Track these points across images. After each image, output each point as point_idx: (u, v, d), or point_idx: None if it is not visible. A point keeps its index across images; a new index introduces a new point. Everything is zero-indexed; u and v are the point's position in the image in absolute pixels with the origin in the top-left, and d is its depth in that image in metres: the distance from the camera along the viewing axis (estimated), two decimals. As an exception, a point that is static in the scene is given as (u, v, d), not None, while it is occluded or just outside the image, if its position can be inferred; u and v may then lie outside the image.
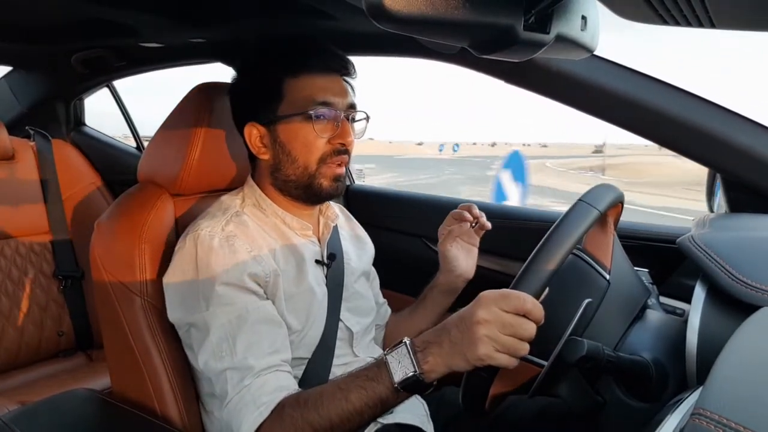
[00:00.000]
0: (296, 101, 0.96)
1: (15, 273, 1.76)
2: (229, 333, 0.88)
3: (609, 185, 0.88)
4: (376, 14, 0.54)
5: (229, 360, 0.87)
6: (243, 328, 0.89)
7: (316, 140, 0.96)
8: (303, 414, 0.82)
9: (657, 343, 0.83)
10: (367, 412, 0.80)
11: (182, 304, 0.94)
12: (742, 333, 0.57)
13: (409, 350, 0.77)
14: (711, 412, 0.42)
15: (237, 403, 0.85)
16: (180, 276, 0.94)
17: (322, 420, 0.81)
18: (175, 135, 1.09)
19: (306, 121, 0.95)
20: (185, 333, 0.96)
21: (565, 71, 1.06)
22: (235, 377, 0.87)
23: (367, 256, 1.21)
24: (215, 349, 0.88)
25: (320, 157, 0.97)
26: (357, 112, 1.02)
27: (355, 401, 0.80)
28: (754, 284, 0.72)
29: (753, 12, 0.51)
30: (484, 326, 0.71)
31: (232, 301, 0.90)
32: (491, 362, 0.71)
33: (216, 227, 0.94)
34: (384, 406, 0.81)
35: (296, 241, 1.02)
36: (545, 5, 0.58)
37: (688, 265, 1.17)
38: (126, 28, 1.42)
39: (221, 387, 0.88)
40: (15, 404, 1.46)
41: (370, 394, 0.80)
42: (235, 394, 0.86)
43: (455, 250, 1.12)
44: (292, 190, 1.01)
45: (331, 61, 0.99)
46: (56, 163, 1.93)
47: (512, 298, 0.71)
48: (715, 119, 1.02)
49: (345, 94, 0.99)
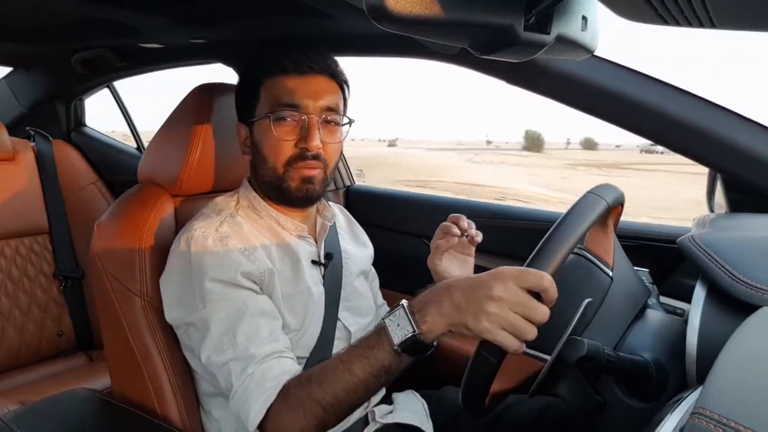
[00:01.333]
0: (267, 103, 0.97)
1: (15, 273, 1.76)
2: (228, 326, 0.88)
3: (612, 185, 0.88)
4: (377, 15, 0.54)
5: (231, 352, 0.87)
6: (242, 320, 0.89)
7: (280, 143, 0.95)
8: (308, 392, 0.81)
9: (657, 342, 0.83)
10: (372, 382, 0.79)
11: (179, 304, 0.94)
12: (742, 333, 0.57)
13: (406, 312, 0.75)
14: (711, 412, 0.42)
15: (243, 393, 0.85)
16: (175, 276, 0.95)
17: (328, 395, 0.80)
18: (175, 135, 1.09)
19: (272, 122, 0.95)
20: (184, 333, 0.96)
21: (565, 71, 1.06)
22: (238, 368, 0.86)
23: (366, 256, 1.20)
24: (216, 344, 0.88)
25: (286, 160, 0.96)
26: (337, 115, 0.98)
27: (358, 372, 0.78)
28: (754, 284, 0.72)
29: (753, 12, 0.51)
30: (497, 303, 0.69)
31: (229, 297, 0.90)
32: (492, 339, 0.69)
33: (210, 228, 0.94)
34: (388, 373, 0.79)
35: (291, 241, 1.01)
36: (545, 5, 0.58)
37: (688, 265, 1.17)
38: (126, 29, 1.42)
39: (225, 380, 0.88)
40: (15, 404, 1.46)
41: (373, 362, 0.78)
42: (240, 385, 0.86)
43: (446, 264, 1.07)
44: (269, 191, 1.01)
45: (306, 62, 0.96)
46: (56, 164, 1.93)
47: (531, 275, 0.69)
48: (715, 119, 1.02)
49: (319, 95, 0.96)
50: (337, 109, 0.98)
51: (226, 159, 1.11)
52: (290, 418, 0.82)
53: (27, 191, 1.85)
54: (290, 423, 0.82)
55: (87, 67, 1.87)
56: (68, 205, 1.91)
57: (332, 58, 1.01)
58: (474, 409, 0.78)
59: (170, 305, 0.96)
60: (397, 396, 1.12)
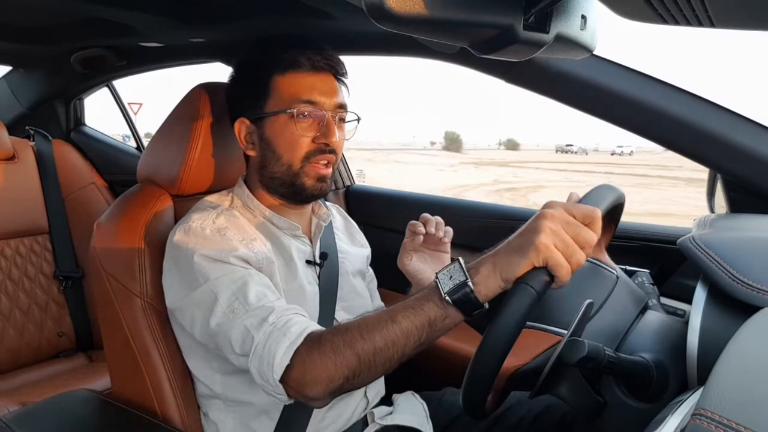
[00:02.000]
0: (282, 98, 0.97)
1: (15, 273, 1.76)
2: (237, 291, 0.87)
3: (610, 185, 0.88)
4: (377, 14, 0.54)
5: (244, 311, 0.85)
6: (249, 286, 0.87)
7: (299, 138, 0.96)
8: (345, 338, 0.78)
9: (658, 343, 0.82)
10: (413, 335, 0.75)
11: (181, 285, 0.92)
12: (742, 334, 0.57)
13: (461, 264, 0.73)
14: (712, 413, 0.42)
15: (265, 341, 0.81)
16: (173, 264, 0.94)
17: (366, 343, 0.76)
18: (174, 135, 1.09)
19: (290, 118, 0.96)
20: (187, 315, 0.91)
21: (564, 71, 1.06)
22: (255, 321, 0.83)
23: (363, 256, 1.20)
24: (227, 310, 0.85)
25: (304, 156, 0.97)
26: (347, 112, 1.01)
27: (401, 321, 0.75)
28: (754, 285, 0.72)
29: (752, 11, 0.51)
30: (549, 219, 0.69)
31: (231, 271, 0.89)
32: (547, 256, 0.67)
33: (207, 220, 0.94)
34: (431, 327, 0.75)
35: (284, 240, 1.01)
36: (545, 5, 0.58)
37: (688, 266, 1.17)
38: (126, 28, 1.42)
39: (242, 340, 0.83)
40: (15, 405, 1.46)
41: (419, 313, 0.75)
42: (261, 334, 0.82)
43: (416, 263, 1.06)
44: (278, 187, 1.01)
45: (320, 60, 0.98)
46: (56, 163, 1.93)
47: (580, 206, 0.72)
48: (716, 119, 1.02)
49: (333, 93, 0.98)
50: (346, 106, 1.01)
51: (225, 158, 1.11)
52: (319, 365, 0.78)
53: (27, 191, 1.85)
54: (318, 370, 0.78)
55: (86, 66, 1.87)
56: (68, 205, 1.92)
57: (337, 56, 1.02)
58: (474, 411, 0.78)
59: (172, 287, 0.94)
60: (397, 397, 1.12)
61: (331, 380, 0.78)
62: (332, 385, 0.78)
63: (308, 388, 0.78)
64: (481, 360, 0.69)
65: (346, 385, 0.79)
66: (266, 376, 0.80)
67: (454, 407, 1.12)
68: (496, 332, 0.67)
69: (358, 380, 0.79)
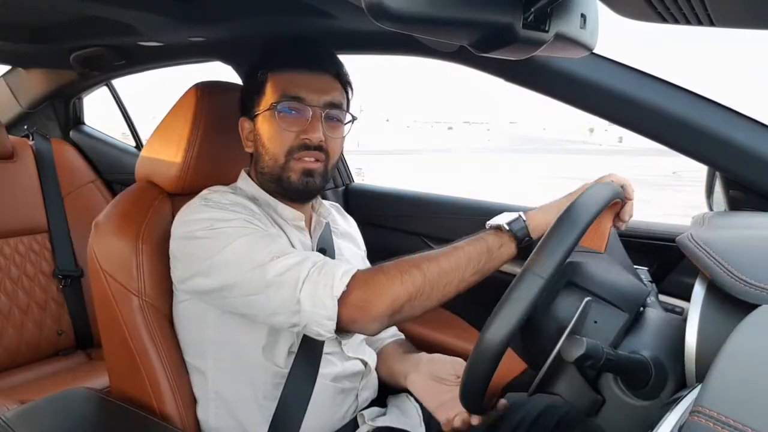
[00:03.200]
0: (272, 95, 0.99)
1: (14, 272, 1.76)
2: (269, 244, 0.89)
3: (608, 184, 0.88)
4: (376, 13, 0.54)
5: (284, 256, 0.87)
6: (278, 240, 0.92)
7: (282, 133, 0.98)
8: (410, 260, 0.85)
9: (656, 341, 0.82)
10: (473, 259, 0.85)
11: (206, 249, 0.90)
12: (741, 331, 0.57)
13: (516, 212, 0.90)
14: (710, 410, 0.42)
15: (320, 267, 0.85)
16: (191, 235, 0.93)
17: (431, 263, 0.84)
18: (172, 134, 1.09)
19: (274, 114, 0.97)
20: (213, 275, 0.90)
21: (564, 69, 1.06)
22: (298, 259, 0.87)
23: (360, 256, 1.21)
24: (265, 258, 0.86)
25: (287, 150, 0.98)
26: (341, 111, 1.01)
27: (464, 247, 0.86)
28: (753, 282, 0.72)
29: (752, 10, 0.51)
30: None
31: (258, 230, 0.91)
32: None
33: (219, 196, 0.97)
34: (489, 255, 0.86)
35: (288, 230, 1.02)
36: (544, 3, 0.58)
37: (687, 264, 1.16)
38: (125, 27, 1.42)
39: (290, 276, 0.85)
40: (15, 403, 1.46)
41: (479, 241, 0.87)
42: (312, 267, 0.85)
43: (421, 383, 1.07)
44: (268, 183, 1.03)
45: (315, 58, 0.99)
46: (55, 162, 1.93)
47: None
48: (715, 117, 1.02)
49: (324, 91, 0.98)
50: (341, 105, 1.01)
51: (223, 157, 1.11)
52: (384, 282, 0.83)
53: (26, 190, 1.85)
54: (384, 287, 0.83)
55: (86, 65, 1.86)
56: (67, 204, 1.91)
57: (338, 58, 1.04)
58: (473, 409, 0.78)
59: (191, 256, 0.93)
60: (392, 399, 1.12)
61: (395, 297, 0.82)
62: (396, 303, 0.82)
63: (372, 305, 0.83)
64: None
65: (407, 306, 0.83)
66: (322, 299, 0.83)
67: None
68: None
69: (418, 302, 0.84)
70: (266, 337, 0.96)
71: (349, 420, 1.06)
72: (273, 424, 0.97)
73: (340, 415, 1.04)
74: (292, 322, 0.87)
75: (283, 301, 0.85)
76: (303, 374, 0.97)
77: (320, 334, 0.86)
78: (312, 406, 0.98)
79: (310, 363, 0.99)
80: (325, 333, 0.85)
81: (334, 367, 1.03)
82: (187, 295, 0.98)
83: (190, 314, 1.00)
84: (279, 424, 0.97)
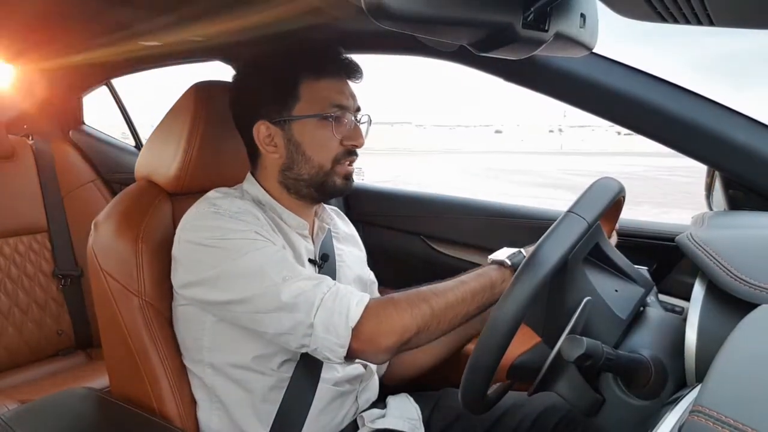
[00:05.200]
0: (314, 103, 0.98)
1: (14, 271, 1.76)
2: (280, 261, 0.89)
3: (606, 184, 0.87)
4: (376, 12, 0.54)
5: (296, 277, 0.88)
6: (288, 257, 0.91)
7: (331, 141, 0.98)
8: (418, 293, 0.88)
9: (656, 340, 0.82)
10: (478, 294, 0.89)
11: (212, 258, 0.90)
12: (740, 331, 0.57)
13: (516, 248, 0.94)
14: (710, 410, 0.42)
15: (334, 296, 0.86)
16: (194, 243, 0.93)
17: (439, 298, 0.87)
18: (172, 134, 1.09)
19: (323, 122, 0.98)
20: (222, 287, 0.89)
21: (564, 69, 1.06)
22: (311, 284, 0.87)
23: (361, 260, 1.20)
24: (276, 278, 0.87)
25: (334, 158, 0.99)
26: (363, 115, 1.04)
27: (469, 281, 0.89)
28: (752, 282, 0.72)
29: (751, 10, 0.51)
30: None
31: (265, 245, 0.91)
32: None
33: (224, 203, 0.96)
34: (492, 290, 0.89)
35: (293, 238, 1.02)
36: (544, 3, 0.58)
37: (687, 263, 1.17)
38: (125, 27, 1.42)
39: (304, 300, 0.86)
40: (15, 403, 1.46)
41: (483, 276, 0.91)
42: (327, 292, 0.87)
43: None
44: (303, 188, 1.01)
45: (347, 66, 1.02)
46: (55, 162, 1.93)
47: None
48: (714, 117, 1.02)
49: (354, 97, 1.02)
50: (361, 109, 1.04)
51: (223, 157, 1.11)
52: (395, 315, 0.85)
53: (26, 190, 1.85)
54: (394, 319, 0.85)
55: (85, 65, 1.86)
56: (67, 204, 1.91)
57: (358, 63, 1.05)
58: (473, 408, 0.78)
59: (195, 263, 0.92)
60: (391, 400, 1.12)
61: (405, 330, 0.85)
62: (405, 335, 0.85)
63: (382, 338, 0.85)
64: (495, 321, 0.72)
65: (415, 338, 0.86)
66: (336, 327, 0.84)
67: (452, 411, 1.11)
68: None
69: (425, 335, 0.87)
70: (262, 348, 0.95)
71: (349, 422, 1.06)
72: (273, 428, 0.97)
73: (339, 418, 1.04)
74: (301, 344, 0.88)
75: (296, 324, 0.86)
76: (304, 380, 0.97)
77: (328, 358, 0.88)
78: (312, 410, 0.98)
79: (312, 369, 0.98)
80: (334, 358, 0.87)
81: (335, 372, 1.03)
82: (186, 300, 0.98)
83: (187, 318, 0.99)
84: (279, 428, 0.97)
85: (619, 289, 0.87)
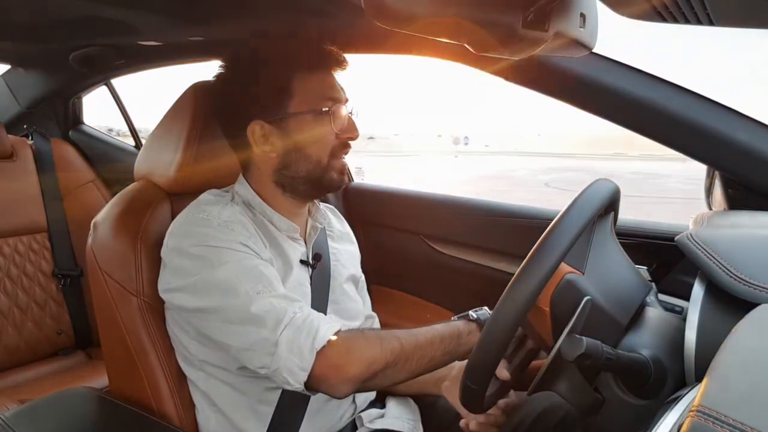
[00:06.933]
0: (308, 98, 0.97)
1: (14, 271, 1.76)
2: (258, 275, 0.87)
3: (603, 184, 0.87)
4: (376, 13, 0.54)
5: (269, 292, 0.86)
6: (265, 272, 0.89)
7: (328, 135, 0.97)
8: (390, 331, 0.89)
9: (656, 340, 0.83)
10: (446, 340, 0.91)
11: (194, 267, 0.89)
12: (740, 330, 0.57)
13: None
14: (709, 409, 0.42)
15: (305, 316, 0.84)
16: (177, 251, 0.92)
17: (410, 336, 0.88)
18: (171, 134, 1.09)
19: (319, 116, 0.96)
20: (200, 295, 0.88)
21: (564, 69, 1.06)
22: (283, 303, 0.85)
23: (355, 258, 1.20)
24: (250, 291, 0.85)
25: (331, 152, 0.98)
26: (352, 106, 1.03)
27: (438, 327, 0.92)
28: (752, 282, 0.72)
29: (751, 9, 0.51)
30: None
31: (246, 257, 0.90)
32: None
33: (212, 212, 0.94)
34: (459, 340, 0.92)
35: (282, 242, 1.01)
36: (543, 3, 0.58)
37: (686, 263, 1.17)
38: (124, 26, 1.42)
39: (272, 316, 0.83)
40: (14, 403, 1.46)
41: (451, 326, 0.94)
42: (298, 311, 0.85)
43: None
44: (299, 185, 1.00)
45: (336, 58, 1.00)
46: (55, 162, 1.93)
47: None
48: (714, 116, 1.02)
49: (343, 89, 1.01)
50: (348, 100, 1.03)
51: (222, 157, 1.11)
52: (364, 345, 0.85)
53: (25, 189, 1.85)
54: (363, 350, 0.84)
55: (85, 64, 1.86)
56: (67, 204, 1.92)
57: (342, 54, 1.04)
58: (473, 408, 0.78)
59: (175, 271, 0.92)
60: (390, 400, 1.11)
61: (373, 361, 0.83)
62: (372, 367, 0.83)
63: (348, 366, 0.82)
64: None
65: (380, 374, 0.84)
66: (300, 347, 0.81)
67: (451, 411, 1.11)
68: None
69: (391, 372, 0.85)
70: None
71: (348, 422, 1.06)
72: (271, 428, 0.97)
73: (337, 418, 1.04)
74: (263, 363, 0.84)
75: (260, 339, 0.83)
76: None
77: (288, 382, 0.83)
78: (308, 410, 0.98)
79: None
80: (294, 383, 0.83)
81: None
82: (169, 305, 0.98)
83: (176, 322, 0.99)
84: (276, 428, 0.97)
85: (619, 289, 0.87)
